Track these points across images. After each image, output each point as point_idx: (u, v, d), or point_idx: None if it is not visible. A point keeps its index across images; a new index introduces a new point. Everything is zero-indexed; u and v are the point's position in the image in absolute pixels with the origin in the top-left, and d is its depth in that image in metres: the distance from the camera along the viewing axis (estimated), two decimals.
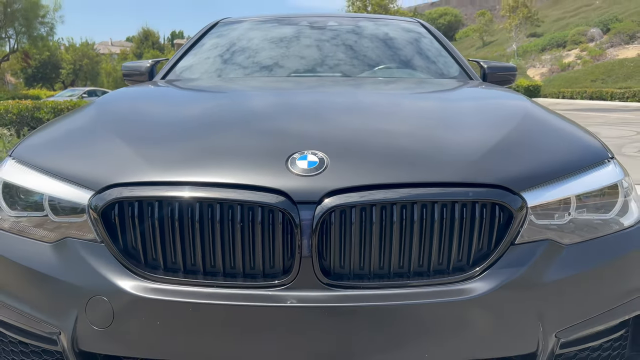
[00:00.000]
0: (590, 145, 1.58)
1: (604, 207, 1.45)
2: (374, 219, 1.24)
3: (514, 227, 1.29)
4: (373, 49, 3.02)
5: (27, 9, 33.15)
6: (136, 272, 1.26)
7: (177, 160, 1.38)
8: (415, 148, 1.46)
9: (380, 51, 3.01)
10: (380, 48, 3.05)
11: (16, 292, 1.38)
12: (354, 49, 3.00)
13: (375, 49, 3.03)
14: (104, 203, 1.28)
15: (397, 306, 1.22)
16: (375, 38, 3.14)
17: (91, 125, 1.67)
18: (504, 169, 1.35)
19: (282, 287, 1.23)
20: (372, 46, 3.05)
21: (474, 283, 1.25)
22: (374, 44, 3.08)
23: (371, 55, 2.95)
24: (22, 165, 1.49)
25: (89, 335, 1.27)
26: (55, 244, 1.34)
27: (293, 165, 1.30)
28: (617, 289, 1.40)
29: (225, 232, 1.25)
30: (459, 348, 1.26)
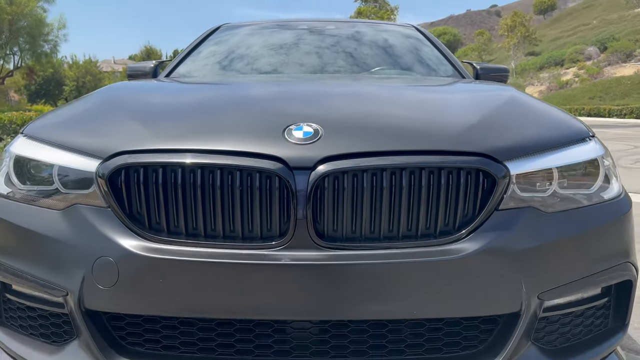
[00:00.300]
0: (572, 124, 1.67)
1: (585, 183, 1.53)
2: (365, 184, 1.31)
3: (497, 193, 1.36)
4: (370, 52, 3.13)
5: (32, 26, 33.62)
6: (141, 235, 1.34)
7: (180, 131, 1.46)
8: (405, 121, 1.55)
9: (377, 54, 3.12)
10: (378, 51, 3.15)
11: (27, 257, 1.45)
12: (352, 53, 3.11)
13: (373, 52, 3.14)
14: (111, 169, 1.36)
15: (385, 264, 1.29)
16: (372, 42, 3.25)
17: (98, 105, 1.76)
18: (488, 139, 1.43)
19: (278, 248, 1.31)
20: (369, 49, 3.16)
21: (459, 244, 1.32)
22: (371, 48, 3.19)
23: (368, 58, 3.06)
24: (32, 141, 1.58)
25: (95, 294, 1.34)
26: (64, 211, 1.42)
27: (289, 135, 1.38)
28: (596, 255, 1.47)
29: (225, 197, 1.32)
30: (445, 305, 1.33)
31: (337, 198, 1.32)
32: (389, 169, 1.32)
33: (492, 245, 1.32)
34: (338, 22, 3.71)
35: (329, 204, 1.32)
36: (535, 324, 1.41)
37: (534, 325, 1.40)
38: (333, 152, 1.33)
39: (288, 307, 1.31)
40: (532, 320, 1.39)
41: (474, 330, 1.40)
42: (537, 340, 1.44)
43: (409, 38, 3.38)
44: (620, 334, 1.57)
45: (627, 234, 1.55)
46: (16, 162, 1.56)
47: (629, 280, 1.54)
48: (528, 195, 1.42)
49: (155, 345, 1.40)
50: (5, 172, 1.58)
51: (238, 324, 1.37)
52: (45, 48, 36.72)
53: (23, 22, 33.37)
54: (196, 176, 1.32)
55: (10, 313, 1.57)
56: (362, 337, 1.38)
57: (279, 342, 1.38)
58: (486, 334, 1.41)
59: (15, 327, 1.56)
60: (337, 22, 3.62)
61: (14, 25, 32.88)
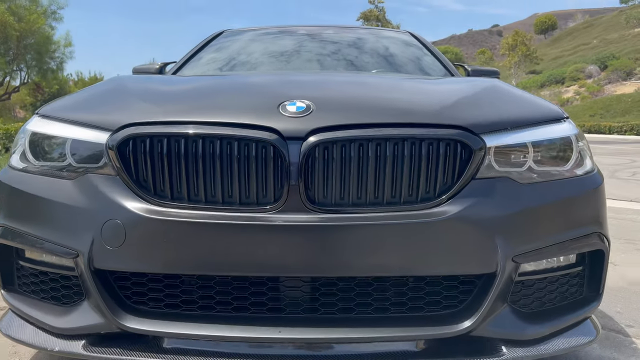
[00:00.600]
0: (548, 107, 1.79)
1: (560, 159, 1.64)
2: (352, 154, 1.44)
3: (474, 164, 1.48)
4: (368, 56, 3.27)
5: (40, 43, 34.15)
6: (146, 199, 1.46)
7: (184, 107, 1.59)
8: (391, 99, 1.68)
9: (374, 57, 3.26)
10: (375, 54, 3.30)
11: (41, 223, 1.57)
12: (350, 57, 3.25)
13: (370, 55, 3.28)
14: (120, 140, 1.48)
15: (370, 226, 1.41)
16: (370, 46, 3.40)
17: (107, 90, 1.90)
18: (466, 115, 1.55)
19: (273, 211, 1.42)
20: (367, 53, 3.30)
21: (439, 209, 1.44)
22: (369, 52, 3.33)
23: (366, 61, 3.20)
24: (47, 119, 1.71)
25: (103, 254, 1.45)
26: (76, 180, 1.54)
27: (284, 110, 1.51)
28: (568, 224, 1.59)
29: (224, 165, 1.45)
30: (426, 264, 1.44)
31: (327, 166, 1.44)
32: (374, 140, 1.45)
33: (469, 210, 1.44)
34: (337, 27, 3.86)
35: (319, 172, 1.44)
36: (511, 287, 1.51)
37: (510, 288, 1.51)
38: (322, 124, 1.46)
39: (281, 264, 1.42)
40: (508, 282, 1.49)
41: (454, 291, 1.51)
42: (513, 302, 1.55)
43: (405, 43, 3.53)
44: (595, 303, 1.66)
45: (598, 206, 1.66)
46: (31, 140, 1.69)
47: (601, 250, 1.65)
48: (505, 168, 1.54)
49: (158, 303, 1.51)
50: (21, 150, 1.71)
51: (235, 282, 1.48)
52: (52, 65, 37.25)
53: (31, 39, 33.92)
54: (197, 146, 1.45)
55: (23, 280, 1.69)
56: (349, 295, 1.49)
57: (272, 300, 1.49)
58: (465, 294, 1.51)
59: (27, 293, 1.68)
60: (336, 28, 3.77)
61: (21, 42, 33.42)
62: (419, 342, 1.50)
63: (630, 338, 2.11)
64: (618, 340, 2.09)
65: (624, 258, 3.46)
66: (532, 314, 1.58)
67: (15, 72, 36.44)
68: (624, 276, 3.03)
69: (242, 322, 1.47)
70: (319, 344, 1.46)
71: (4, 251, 1.68)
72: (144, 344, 1.49)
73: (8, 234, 1.64)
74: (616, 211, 5.45)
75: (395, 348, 1.48)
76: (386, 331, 1.45)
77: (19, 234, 1.62)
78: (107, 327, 1.49)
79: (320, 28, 3.69)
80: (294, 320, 1.47)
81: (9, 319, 1.69)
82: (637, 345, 2.04)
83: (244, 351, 1.46)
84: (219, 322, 1.47)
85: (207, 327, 1.45)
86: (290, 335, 1.43)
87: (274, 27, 3.78)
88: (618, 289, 2.78)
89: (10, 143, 9.12)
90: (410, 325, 1.47)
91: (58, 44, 36.89)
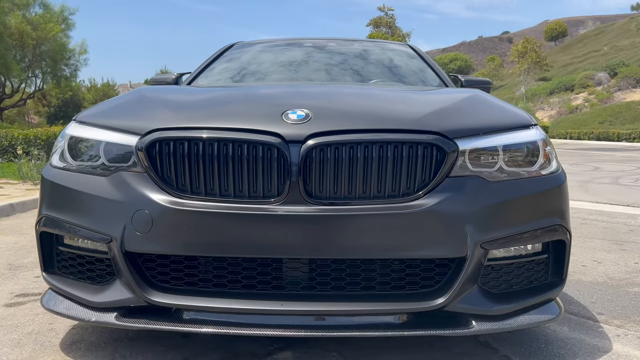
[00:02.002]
0: (518, 115, 2.04)
1: (527, 162, 1.89)
2: (344, 155, 1.70)
3: (448, 164, 1.73)
4: (366, 66, 3.54)
5: (55, 51, 34.85)
6: (170, 193, 1.73)
7: (201, 114, 1.87)
8: (378, 109, 1.95)
9: (373, 67, 3.53)
10: (374, 65, 3.57)
11: (80, 213, 1.84)
12: (351, 67, 3.52)
13: (369, 65, 3.55)
14: (148, 143, 1.76)
15: (359, 215, 1.66)
16: (370, 57, 3.67)
17: (133, 100, 2.17)
18: (442, 122, 1.81)
19: (276, 204, 1.69)
20: (367, 65, 3.58)
21: (417, 202, 1.69)
22: (368, 62, 3.60)
23: (364, 71, 3.47)
24: (83, 125, 1.99)
25: (134, 239, 1.72)
26: (109, 177, 1.82)
27: (286, 117, 1.77)
28: (531, 216, 1.83)
29: (236, 165, 1.71)
30: (406, 247, 1.69)
31: (323, 166, 1.70)
32: (362, 144, 1.71)
33: (442, 203, 1.69)
34: (341, 40, 4.13)
35: (316, 170, 1.70)
36: (481, 270, 1.76)
37: (480, 271, 1.76)
38: (319, 129, 1.72)
39: (283, 248, 1.68)
40: (478, 266, 1.74)
41: (430, 272, 1.77)
42: (483, 284, 1.80)
43: (403, 54, 3.80)
44: (559, 287, 1.91)
45: (560, 202, 1.91)
46: (70, 142, 1.97)
47: (562, 240, 1.89)
48: (477, 169, 1.79)
49: (179, 281, 1.78)
50: (60, 151, 1.99)
51: (244, 263, 1.75)
52: (66, 72, 37.97)
53: (46, 46, 34.64)
54: (213, 148, 1.72)
55: (62, 263, 1.96)
56: (341, 275, 1.75)
57: (276, 279, 1.75)
58: (440, 276, 1.77)
59: (66, 274, 1.95)
60: (339, 40, 4.05)
61: (37, 50, 34.14)
62: (401, 316, 1.75)
63: (598, 323, 2.34)
64: (587, 325, 2.33)
65: (608, 257, 3.68)
66: (501, 294, 1.82)
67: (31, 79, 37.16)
68: (605, 273, 3.26)
69: (250, 297, 1.73)
70: (315, 316, 1.72)
71: (45, 238, 1.96)
72: (167, 315, 1.76)
73: (50, 223, 1.92)
74: (611, 215, 5.66)
75: (381, 320, 1.74)
76: (372, 305, 1.71)
77: (59, 222, 1.89)
78: (135, 301, 1.76)
79: (325, 40, 3.97)
80: (293, 296, 1.73)
81: (49, 297, 1.97)
82: (603, 329, 2.27)
83: (251, 321, 1.72)
84: (230, 296, 1.73)
85: (220, 301, 1.72)
86: (291, 308, 1.69)
87: (282, 40, 4.07)
88: (597, 284, 3.01)
89: (29, 147, 9.51)
90: (393, 301, 1.72)
91: (73, 51, 37.58)
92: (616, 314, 2.47)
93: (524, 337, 2.14)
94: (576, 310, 2.52)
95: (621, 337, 2.18)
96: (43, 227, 1.93)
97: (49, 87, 38.94)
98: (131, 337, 2.11)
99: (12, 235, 4.45)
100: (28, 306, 2.55)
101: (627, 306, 2.59)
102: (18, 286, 2.90)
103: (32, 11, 34.12)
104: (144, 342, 2.06)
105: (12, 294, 2.76)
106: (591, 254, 3.78)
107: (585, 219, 5.39)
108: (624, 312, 2.50)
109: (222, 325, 1.71)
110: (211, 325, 1.72)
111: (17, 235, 4.45)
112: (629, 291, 2.86)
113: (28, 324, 2.30)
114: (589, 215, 5.64)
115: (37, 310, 2.45)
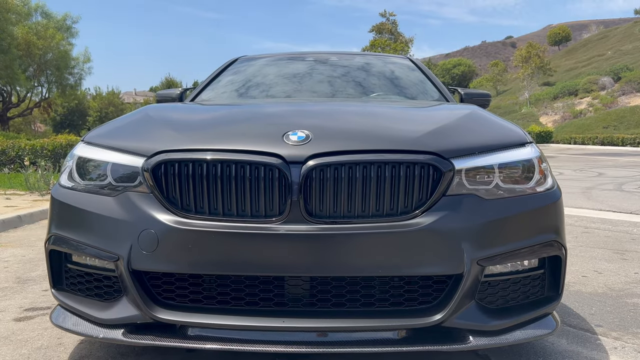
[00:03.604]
0: (514, 132, 2.09)
1: (523, 179, 1.93)
2: (343, 175, 1.75)
3: (444, 183, 1.78)
4: (367, 80, 3.61)
5: (59, 59, 35.19)
6: (175, 213, 1.78)
7: (205, 136, 1.92)
8: (376, 129, 2.00)
9: (373, 81, 3.60)
10: (374, 79, 3.63)
11: (88, 232, 1.90)
12: (352, 81, 3.59)
13: (369, 80, 3.62)
14: (153, 164, 1.81)
15: (358, 234, 1.71)
16: (370, 71, 3.74)
17: (139, 120, 2.24)
18: (438, 142, 1.86)
19: (277, 223, 1.74)
20: (366, 78, 3.64)
21: (415, 220, 1.74)
22: (368, 77, 3.67)
23: (365, 85, 3.53)
24: (91, 146, 2.05)
25: (140, 258, 1.78)
26: (116, 197, 1.87)
27: (287, 139, 1.83)
28: (526, 233, 1.87)
29: (238, 185, 1.77)
30: (405, 265, 1.73)
31: (322, 185, 1.75)
32: (361, 164, 1.76)
33: (439, 222, 1.74)
34: (342, 54, 4.20)
35: (316, 190, 1.75)
36: (478, 286, 1.80)
37: (477, 287, 1.80)
38: (319, 150, 1.77)
39: (285, 266, 1.73)
40: (475, 282, 1.79)
41: (428, 289, 1.81)
42: (480, 299, 1.84)
43: (403, 68, 3.86)
44: (555, 302, 1.95)
45: (555, 218, 1.95)
46: (78, 162, 2.03)
47: (558, 256, 1.93)
48: (473, 187, 1.84)
49: (184, 298, 1.83)
50: (68, 170, 2.06)
51: (247, 281, 1.80)
52: (71, 81, 38.32)
53: (50, 55, 34.98)
54: (217, 169, 1.77)
55: (70, 280, 2.02)
56: (341, 292, 1.79)
57: (278, 296, 1.80)
58: (438, 292, 1.81)
59: (74, 291, 2.01)
60: (340, 54, 4.12)
61: (42, 59, 34.48)
62: (400, 332, 1.79)
63: (596, 335, 2.38)
64: (585, 337, 2.36)
65: (609, 267, 3.71)
66: (498, 310, 1.86)
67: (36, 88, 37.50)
68: (605, 283, 3.29)
69: (252, 313, 1.78)
70: (316, 332, 1.77)
71: (54, 256, 2.02)
72: (172, 331, 1.81)
73: (58, 241, 1.98)
74: (613, 223, 5.68)
75: (380, 336, 1.78)
76: (372, 322, 1.75)
77: (67, 241, 1.95)
78: (142, 318, 1.81)
79: (327, 55, 4.05)
80: (295, 312, 1.78)
81: (58, 313, 2.02)
82: (601, 342, 2.31)
83: (254, 337, 1.77)
84: (234, 313, 1.78)
85: (224, 318, 1.77)
86: (292, 325, 1.73)
87: (285, 54, 4.15)
88: (597, 295, 3.05)
89: (35, 158, 9.62)
90: (392, 317, 1.77)
91: (77, 60, 37.93)
92: (614, 326, 2.50)
93: (522, 350, 2.18)
94: (575, 322, 2.56)
95: (618, 349, 2.22)
96: (52, 246, 1.99)
97: (54, 96, 39.26)
98: (137, 351, 2.16)
99: (20, 247, 4.52)
100: (37, 320, 2.60)
101: (625, 318, 2.63)
102: (27, 300, 2.96)
103: (33, 19, 34.50)
104: (150, 356, 2.12)
105: (21, 308, 2.82)
106: (592, 264, 3.81)
107: (587, 227, 5.41)
108: (622, 324, 2.53)
109: (226, 342, 1.76)
110: (215, 341, 1.76)
111: (25, 247, 4.52)
112: (628, 302, 2.89)
113: (37, 338, 2.36)
114: (592, 223, 5.67)
115: (46, 325, 2.51)
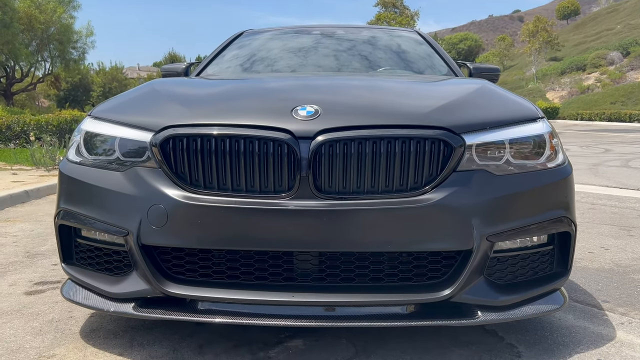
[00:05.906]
0: (525, 108, 2.06)
1: (534, 154, 1.91)
2: (353, 151, 1.73)
3: (455, 159, 1.76)
4: (375, 54, 3.55)
5: (61, 33, 34.89)
6: (184, 188, 1.78)
7: (213, 111, 1.90)
8: (386, 104, 1.97)
9: (381, 55, 3.54)
10: (382, 53, 3.57)
11: (98, 207, 1.90)
12: (359, 54, 3.54)
13: (377, 53, 3.56)
14: (161, 139, 1.80)
15: (368, 209, 1.70)
16: (378, 45, 3.68)
17: (146, 94, 2.21)
18: (449, 117, 1.83)
19: (287, 198, 1.73)
20: (374, 51, 3.59)
21: (425, 196, 1.73)
22: (376, 50, 3.61)
23: (373, 59, 3.48)
24: (98, 120, 2.04)
25: (149, 232, 1.78)
26: (125, 172, 1.87)
27: (296, 114, 1.81)
28: (536, 209, 1.86)
29: (247, 160, 1.75)
30: (414, 240, 1.73)
31: (332, 161, 1.74)
32: (371, 139, 1.74)
33: (449, 197, 1.73)
34: (349, 27, 4.13)
35: (325, 166, 1.73)
36: (487, 261, 1.80)
37: (486, 262, 1.80)
38: (328, 125, 1.75)
39: (294, 241, 1.73)
40: (484, 258, 1.78)
41: (437, 265, 1.81)
42: (489, 275, 1.84)
43: (412, 41, 3.80)
44: (564, 277, 1.95)
45: (565, 194, 1.93)
46: (85, 137, 2.02)
47: (568, 232, 1.92)
48: (484, 162, 1.82)
49: (194, 273, 1.84)
50: (76, 145, 2.05)
51: (256, 256, 1.80)
52: (74, 55, 38.05)
53: (52, 29, 34.68)
54: (225, 144, 1.76)
55: (80, 254, 2.03)
56: (350, 267, 1.80)
57: (287, 271, 1.81)
58: (447, 267, 1.81)
59: (84, 265, 2.02)
60: (347, 28, 4.05)
61: (45, 33, 34.19)
62: (409, 307, 1.80)
63: (603, 311, 2.39)
64: (592, 312, 2.37)
65: (615, 243, 3.71)
66: (506, 285, 1.87)
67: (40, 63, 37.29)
68: (612, 259, 3.29)
69: (262, 288, 1.79)
70: (324, 306, 1.78)
71: (64, 230, 2.03)
72: (182, 305, 1.83)
73: (67, 216, 1.98)
74: (620, 200, 5.66)
75: (389, 311, 1.79)
76: (381, 297, 1.76)
77: (76, 216, 1.95)
78: (152, 292, 1.83)
79: (333, 28, 3.98)
80: (304, 287, 1.79)
81: (69, 287, 2.04)
82: (608, 317, 2.32)
83: (263, 311, 1.78)
84: (243, 288, 1.79)
85: (234, 292, 1.78)
86: (301, 299, 1.74)
87: (291, 27, 4.09)
88: (604, 271, 3.05)
89: (41, 133, 9.62)
90: (401, 292, 1.77)
91: (80, 33, 37.60)
92: (621, 302, 2.51)
93: (529, 325, 2.19)
94: (581, 298, 2.56)
95: (625, 324, 2.23)
96: (61, 220, 2.00)
97: (58, 70, 39.04)
98: (148, 325, 2.19)
99: (28, 222, 4.55)
100: (47, 294, 2.63)
101: (632, 294, 2.63)
102: (37, 274, 2.99)
103: None
104: (160, 330, 2.14)
105: (31, 282, 2.85)
106: (599, 240, 3.80)
107: (594, 203, 5.40)
108: (629, 300, 2.54)
109: (235, 316, 1.77)
110: (225, 315, 1.78)
111: (33, 222, 4.55)
112: (634, 278, 2.89)
113: (48, 312, 2.39)
114: (598, 200, 5.65)
115: (57, 298, 2.54)
